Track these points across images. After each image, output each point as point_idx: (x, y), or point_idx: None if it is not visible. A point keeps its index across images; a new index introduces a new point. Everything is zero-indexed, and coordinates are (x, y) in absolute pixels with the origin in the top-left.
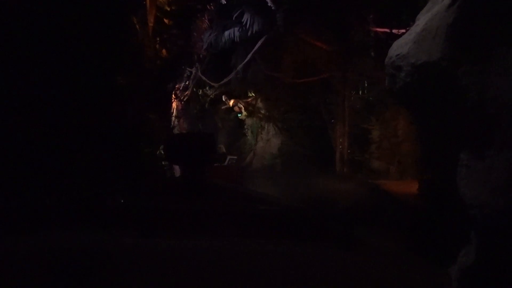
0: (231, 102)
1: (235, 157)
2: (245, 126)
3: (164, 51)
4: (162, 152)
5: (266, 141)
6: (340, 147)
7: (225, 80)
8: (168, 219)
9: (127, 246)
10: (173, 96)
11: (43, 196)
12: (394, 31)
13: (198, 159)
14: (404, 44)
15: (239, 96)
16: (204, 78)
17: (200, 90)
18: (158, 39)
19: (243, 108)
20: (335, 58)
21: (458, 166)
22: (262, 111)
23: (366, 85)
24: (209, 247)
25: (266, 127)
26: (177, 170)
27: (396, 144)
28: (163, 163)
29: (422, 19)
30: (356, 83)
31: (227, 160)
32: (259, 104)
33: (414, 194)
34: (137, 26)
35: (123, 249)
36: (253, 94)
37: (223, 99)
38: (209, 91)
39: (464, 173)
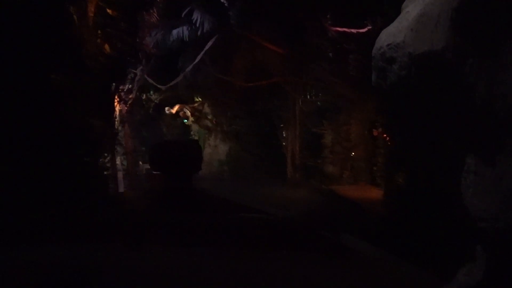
0: (176, 108)
1: None
2: (192, 132)
3: (107, 46)
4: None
5: (213, 147)
6: (292, 152)
7: (173, 82)
8: (159, 230)
9: (115, 260)
10: (116, 98)
11: None
12: (353, 30)
13: (185, 167)
14: (397, 32)
15: (186, 101)
16: (150, 80)
17: (144, 95)
18: (100, 32)
19: (189, 113)
20: (288, 62)
21: (464, 172)
22: (209, 117)
23: (319, 89)
24: (201, 257)
25: (213, 133)
26: (120, 182)
27: (348, 148)
28: (105, 173)
29: (413, 5)
30: (309, 87)
31: None
32: (206, 109)
33: (373, 200)
34: (75, 17)
35: (111, 263)
36: (200, 99)
37: (166, 110)
38: (153, 96)
39: (471, 181)
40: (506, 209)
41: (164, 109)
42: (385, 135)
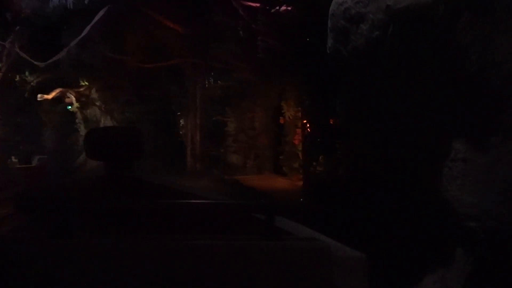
0: (54, 93)
1: (46, 156)
2: (77, 120)
3: None
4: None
5: None
6: (192, 141)
7: (53, 59)
8: (93, 217)
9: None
10: None
11: None
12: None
13: (125, 155)
14: None
15: (70, 84)
16: (24, 55)
17: (18, 76)
18: None
19: (74, 99)
20: (190, 42)
21: (450, 161)
22: (98, 103)
23: (223, 73)
24: (137, 244)
25: (103, 121)
26: None
27: (253, 137)
28: None
29: None
30: (212, 70)
31: (35, 160)
32: (94, 94)
33: (281, 190)
34: None
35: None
36: (86, 83)
37: (38, 98)
38: (29, 77)
39: (459, 170)
40: (501, 203)
41: (45, 92)
42: (304, 121)
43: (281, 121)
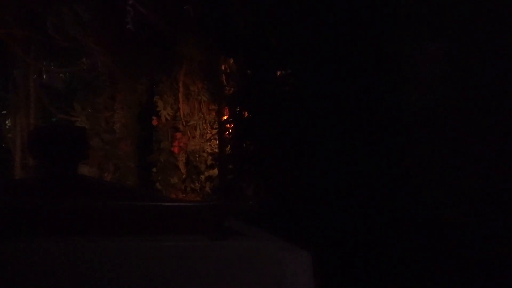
0: None
1: None
2: None
3: None
4: None
5: None
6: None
7: None
8: (33, 218)
9: None
10: None
11: None
12: None
13: (70, 155)
14: None
15: None
16: None
17: None
18: None
19: None
20: (17, 6)
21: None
22: None
23: (70, 56)
24: (78, 247)
25: None
26: None
27: (111, 142)
28: None
29: None
30: (54, 50)
31: None
32: None
33: None
34: None
35: None
36: None
37: None
38: None
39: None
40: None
41: None
42: (230, 119)
43: (154, 122)
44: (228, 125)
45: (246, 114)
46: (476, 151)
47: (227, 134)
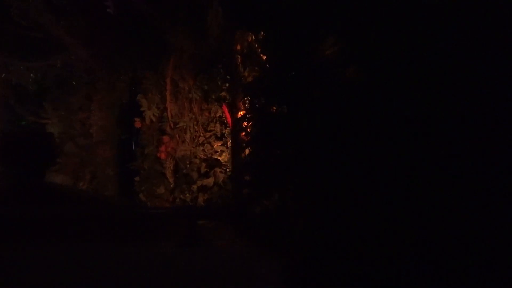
0: None
1: None
2: None
3: None
4: None
5: None
6: None
7: None
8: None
9: None
10: None
11: None
12: None
13: (38, 161)
14: None
15: None
16: None
17: None
18: None
19: None
20: None
21: None
22: None
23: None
24: (44, 254)
25: None
26: None
27: (88, 147)
28: None
29: None
30: (22, 43)
31: None
32: None
33: None
34: None
35: None
36: None
37: None
38: None
39: None
40: None
41: None
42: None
43: (137, 124)
44: (245, 123)
45: (274, 109)
46: None
47: (243, 135)
